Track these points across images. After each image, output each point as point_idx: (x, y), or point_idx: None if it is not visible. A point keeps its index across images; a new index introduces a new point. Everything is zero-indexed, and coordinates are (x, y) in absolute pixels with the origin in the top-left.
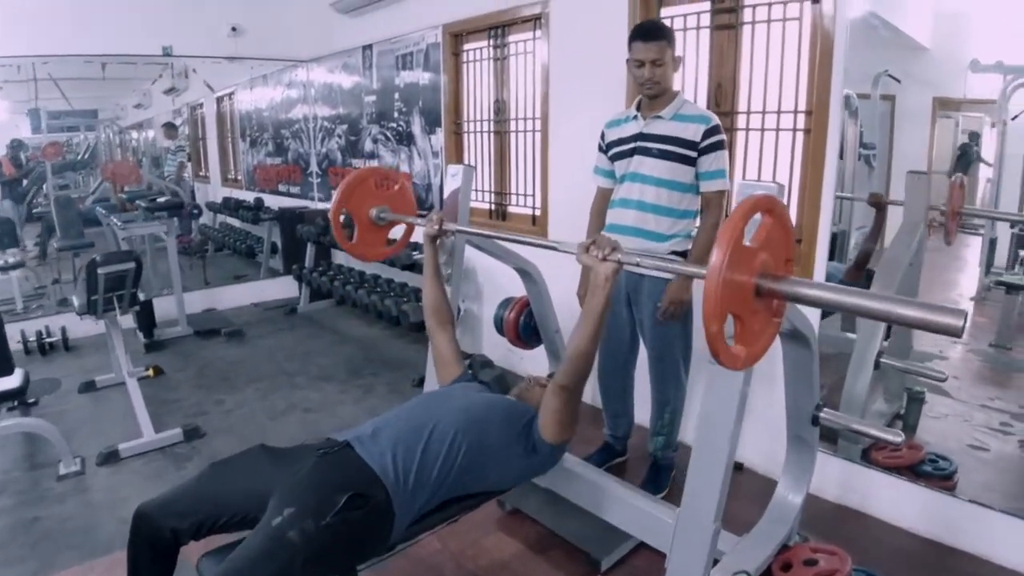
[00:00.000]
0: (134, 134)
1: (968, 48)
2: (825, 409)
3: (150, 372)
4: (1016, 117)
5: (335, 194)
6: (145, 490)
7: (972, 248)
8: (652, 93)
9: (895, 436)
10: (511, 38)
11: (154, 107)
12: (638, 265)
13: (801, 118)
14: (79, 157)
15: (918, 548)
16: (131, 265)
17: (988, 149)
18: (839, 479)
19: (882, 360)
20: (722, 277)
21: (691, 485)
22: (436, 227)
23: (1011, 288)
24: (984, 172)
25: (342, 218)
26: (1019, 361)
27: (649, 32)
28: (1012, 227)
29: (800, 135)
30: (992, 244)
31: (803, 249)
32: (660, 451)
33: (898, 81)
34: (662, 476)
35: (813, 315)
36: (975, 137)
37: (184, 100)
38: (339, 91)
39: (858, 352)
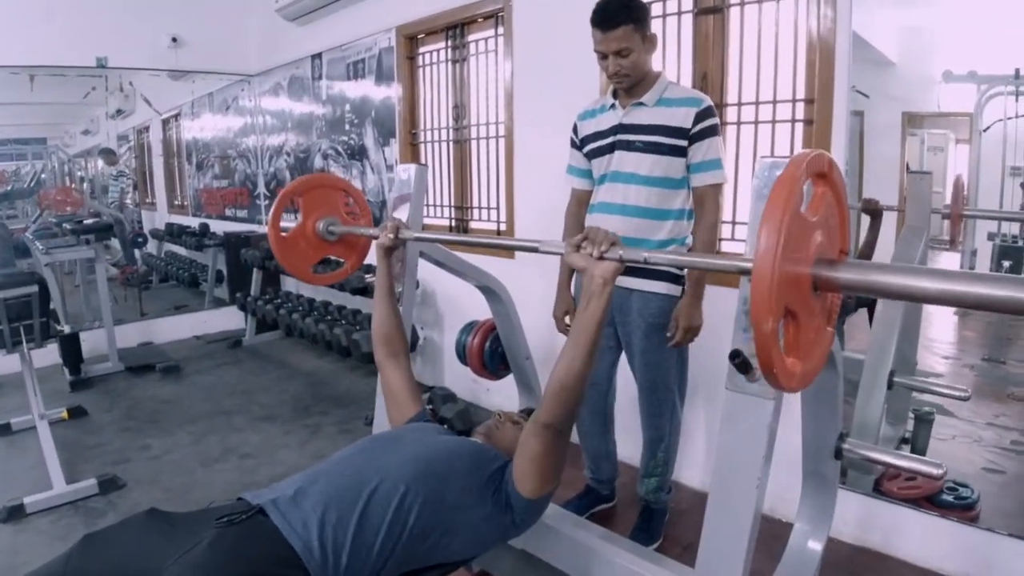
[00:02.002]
0: (82, 161)
1: (935, 62)
2: (849, 439)
3: (64, 414)
4: (988, 128)
5: (293, 181)
6: (50, 553)
7: (943, 264)
8: (624, 87)
9: (936, 469)
10: (470, 37)
11: (102, 133)
12: (646, 262)
13: (801, 107)
14: (25, 185)
15: None
16: (32, 289)
17: (953, 165)
18: (856, 516)
19: (896, 380)
20: (779, 252)
21: (709, 542)
22: (391, 236)
23: None
24: (951, 186)
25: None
26: (1015, 375)
27: (607, 17)
28: (991, 239)
29: (800, 127)
30: (973, 255)
31: None
32: (652, 494)
33: (866, 96)
34: (655, 523)
35: None
36: None
37: (130, 124)
38: (287, 105)
39: (869, 371)
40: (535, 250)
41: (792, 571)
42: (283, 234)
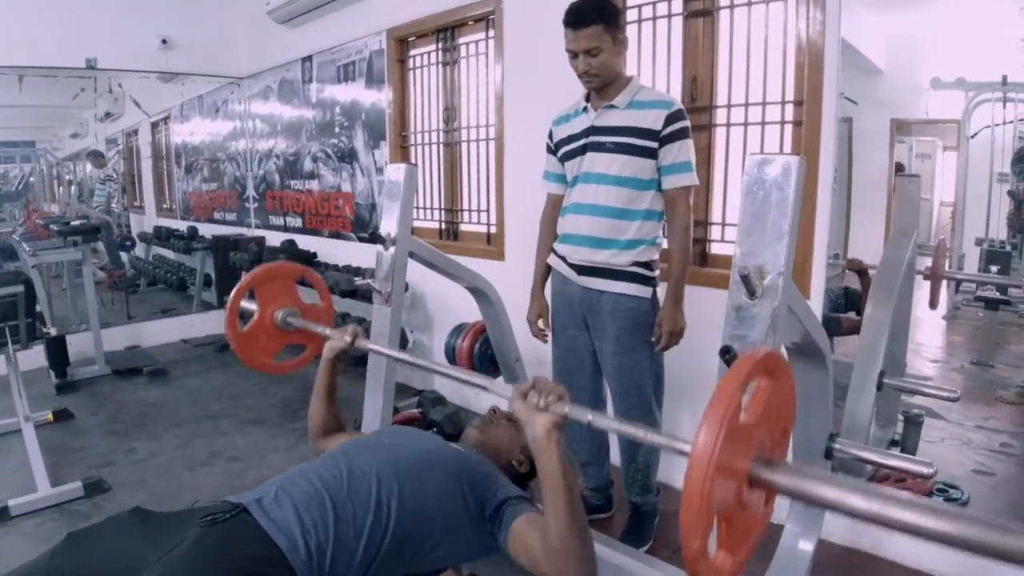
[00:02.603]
0: (71, 165)
1: (923, 69)
2: (840, 439)
3: (49, 416)
4: (976, 135)
5: (247, 274)
6: (34, 556)
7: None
8: (594, 86)
9: (926, 468)
10: (461, 40)
11: (90, 136)
12: (590, 424)
13: (790, 109)
14: (14, 188)
15: None
16: (19, 288)
17: (941, 171)
18: (846, 519)
19: (885, 381)
20: (712, 470)
21: None
22: (347, 340)
23: (990, 304)
24: (938, 194)
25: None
26: (1004, 379)
27: (579, 17)
28: (978, 244)
29: (789, 128)
30: (960, 261)
31: (797, 259)
32: (639, 497)
33: (855, 103)
34: (645, 526)
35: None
36: None
37: (119, 127)
38: (277, 108)
39: (859, 372)
40: (485, 388)
41: (783, 572)
42: (242, 330)
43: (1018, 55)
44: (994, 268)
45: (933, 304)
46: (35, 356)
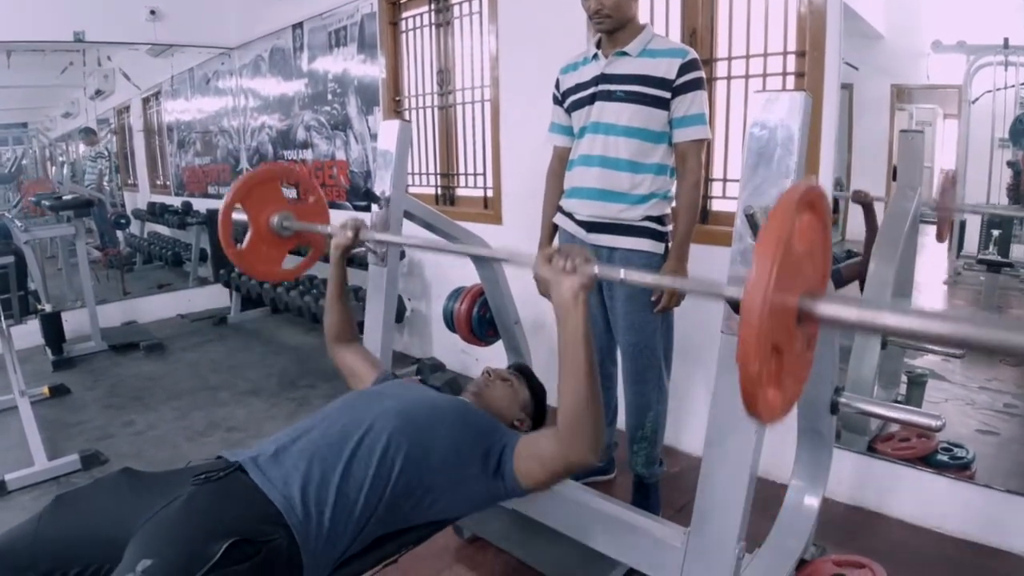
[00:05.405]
0: (63, 145)
1: (923, 33)
2: (845, 393)
3: (45, 391)
4: (977, 100)
5: (230, 189)
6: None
7: (927, 236)
8: (605, 28)
9: (933, 420)
10: (454, 0)
11: (82, 115)
12: (622, 282)
13: (792, 61)
14: (7, 171)
15: (952, 551)
16: (8, 259)
17: (941, 139)
18: (850, 476)
19: (890, 338)
20: (770, 296)
21: (704, 498)
22: (350, 235)
23: (992, 266)
24: (938, 161)
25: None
26: None
27: None
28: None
29: (791, 80)
30: (962, 226)
31: None
32: (644, 468)
33: (855, 68)
34: (651, 499)
35: None
36: None
37: (110, 104)
38: (269, 78)
39: None
40: (507, 261)
41: (789, 527)
42: (241, 248)
43: (1019, 15)
44: (995, 232)
45: (940, 236)
46: (31, 335)
